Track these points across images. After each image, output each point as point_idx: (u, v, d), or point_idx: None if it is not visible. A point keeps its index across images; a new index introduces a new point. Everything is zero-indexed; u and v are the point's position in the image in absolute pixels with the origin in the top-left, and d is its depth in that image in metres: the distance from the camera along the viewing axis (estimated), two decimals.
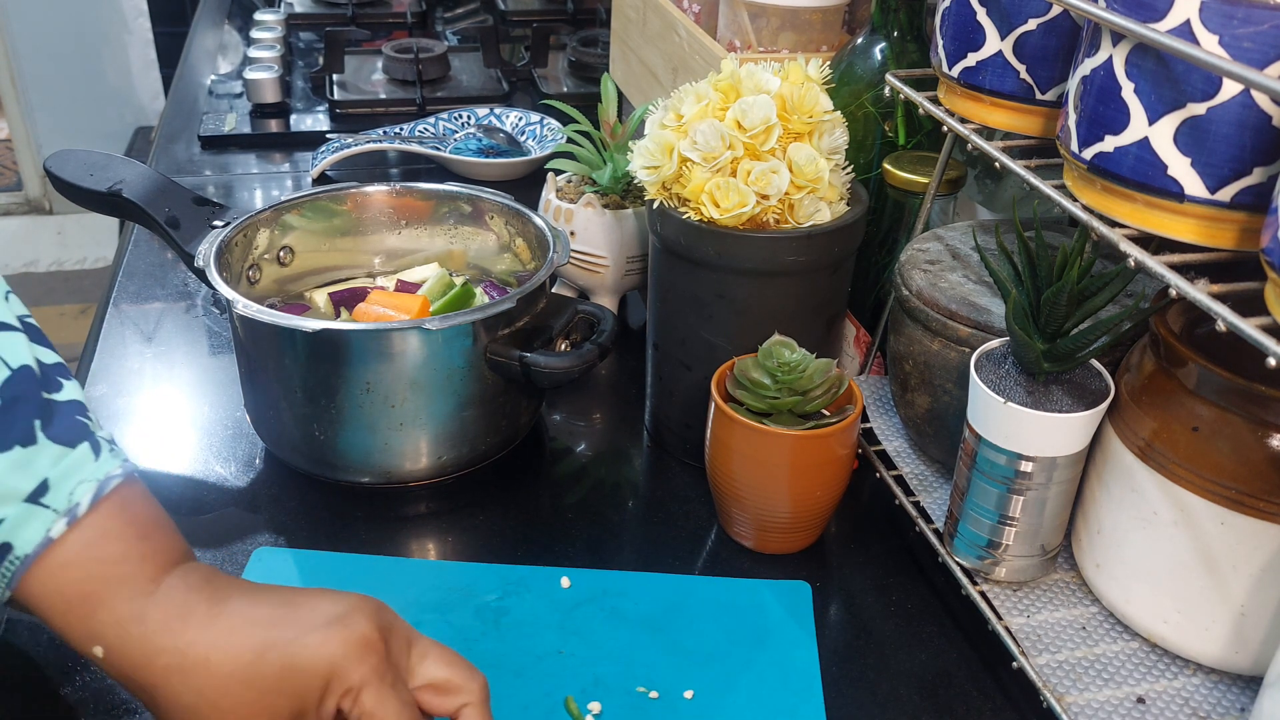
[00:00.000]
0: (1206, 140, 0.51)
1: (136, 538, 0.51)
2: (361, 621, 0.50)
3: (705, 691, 0.64)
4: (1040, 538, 0.65)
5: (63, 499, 0.49)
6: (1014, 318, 0.61)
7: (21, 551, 0.48)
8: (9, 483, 0.48)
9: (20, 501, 0.48)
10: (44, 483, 0.48)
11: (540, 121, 1.32)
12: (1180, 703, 0.60)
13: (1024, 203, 0.83)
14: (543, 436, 0.87)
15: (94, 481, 0.50)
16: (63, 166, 0.86)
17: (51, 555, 0.49)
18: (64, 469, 0.49)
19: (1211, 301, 0.49)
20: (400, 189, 0.92)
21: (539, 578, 0.71)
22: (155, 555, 0.51)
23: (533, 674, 0.64)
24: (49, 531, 0.48)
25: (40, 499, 0.48)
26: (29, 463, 0.48)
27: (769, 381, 0.70)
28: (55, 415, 0.50)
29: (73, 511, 0.49)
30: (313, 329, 0.72)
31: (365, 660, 0.50)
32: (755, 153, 0.71)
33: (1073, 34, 0.63)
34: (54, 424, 0.50)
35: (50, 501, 0.48)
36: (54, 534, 0.48)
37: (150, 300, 1.02)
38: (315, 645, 0.49)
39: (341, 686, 0.49)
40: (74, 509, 0.49)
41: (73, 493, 0.49)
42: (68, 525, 0.49)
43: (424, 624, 0.67)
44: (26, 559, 0.48)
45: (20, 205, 3.03)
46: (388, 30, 1.73)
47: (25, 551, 0.48)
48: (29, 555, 0.48)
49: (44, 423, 0.49)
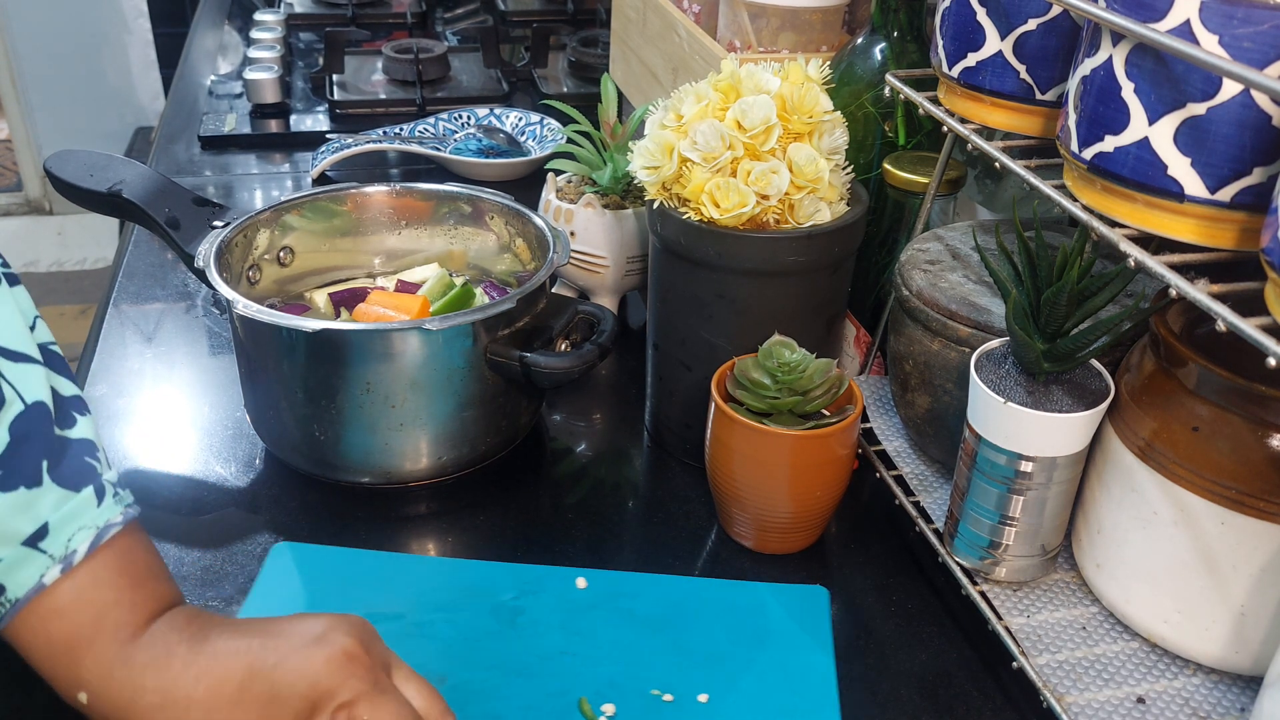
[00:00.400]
0: (1206, 140, 0.51)
1: (128, 587, 0.51)
2: (341, 638, 0.50)
3: (720, 695, 0.63)
4: (1040, 538, 0.65)
5: (60, 545, 0.48)
6: (1014, 318, 0.61)
7: (13, 595, 0.48)
8: (10, 524, 0.47)
9: (18, 544, 0.47)
10: (44, 526, 0.48)
11: (540, 122, 1.32)
12: (1180, 703, 0.60)
13: (1024, 203, 0.83)
14: (543, 436, 0.87)
15: (93, 529, 0.50)
16: (63, 167, 0.86)
17: (42, 601, 0.48)
18: (65, 514, 0.49)
19: (1211, 301, 0.49)
20: (400, 189, 0.92)
21: (554, 578, 0.71)
22: (145, 603, 0.51)
23: (546, 675, 0.64)
24: (43, 577, 0.48)
25: (39, 543, 0.48)
26: (31, 504, 0.48)
27: (769, 381, 0.70)
28: (64, 455, 0.49)
29: (68, 559, 0.49)
30: (313, 329, 0.72)
31: (352, 673, 0.49)
32: (755, 153, 0.71)
33: (1073, 34, 0.63)
34: (62, 465, 0.49)
35: (48, 547, 0.48)
36: (47, 580, 0.48)
37: (150, 300, 1.02)
38: (298, 666, 0.49)
39: (332, 704, 0.49)
40: (70, 556, 0.49)
41: (71, 539, 0.49)
42: (62, 572, 0.48)
43: (437, 622, 0.67)
44: (17, 603, 0.48)
45: (20, 205, 3.03)
46: (388, 30, 1.73)
47: (17, 595, 0.48)
48: (19, 600, 0.48)
49: (51, 463, 0.49)
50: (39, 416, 0.49)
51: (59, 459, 0.49)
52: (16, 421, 0.48)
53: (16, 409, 0.48)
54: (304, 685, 0.49)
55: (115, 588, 0.50)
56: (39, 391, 0.49)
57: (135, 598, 0.51)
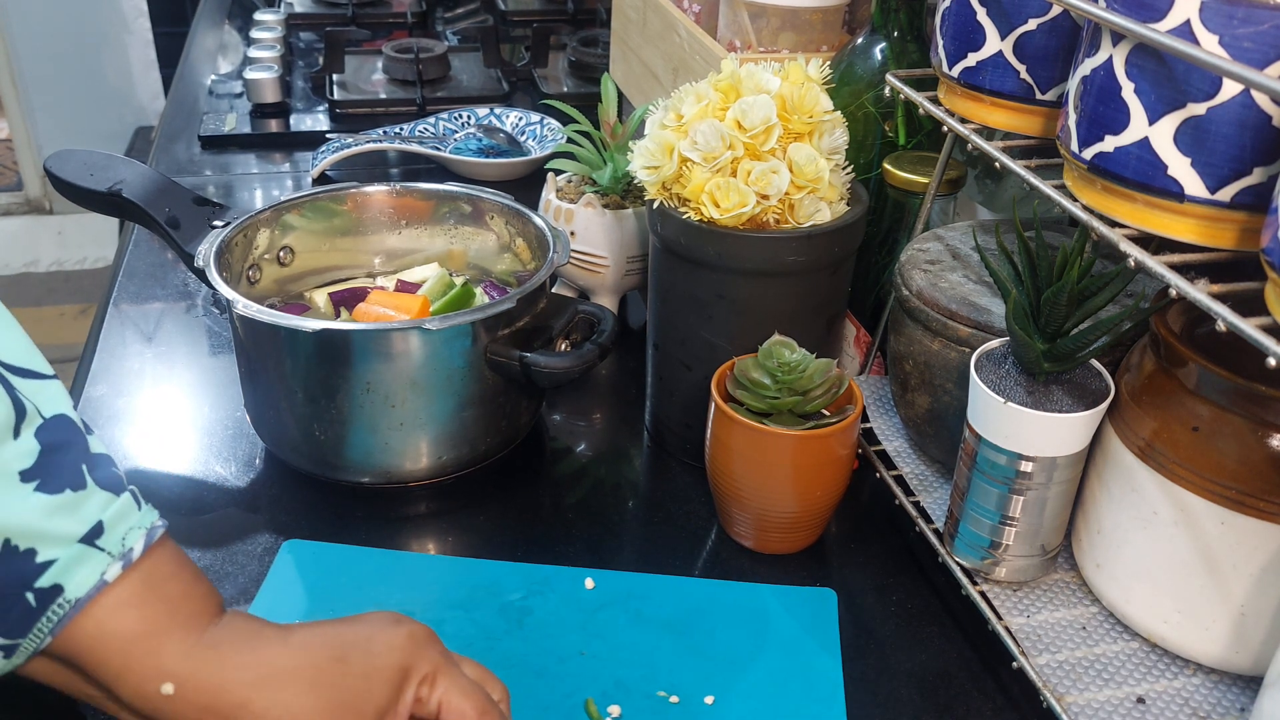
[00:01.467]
0: (1206, 140, 0.51)
1: (192, 579, 0.51)
2: (412, 623, 0.54)
3: (726, 697, 0.63)
4: (1040, 538, 0.65)
5: (116, 542, 0.48)
6: (1014, 318, 0.61)
7: (73, 594, 0.46)
8: (61, 526, 0.46)
9: (74, 543, 0.46)
10: (99, 524, 0.47)
11: (540, 121, 1.32)
12: (1180, 703, 0.60)
13: (1024, 203, 0.83)
14: (543, 436, 0.87)
15: (143, 529, 0.49)
16: (63, 166, 0.86)
17: (108, 597, 0.47)
18: (115, 513, 0.48)
19: (1211, 301, 0.49)
20: (400, 189, 0.92)
21: (563, 578, 0.71)
22: (211, 596, 0.51)
23: (554, 675, 0.64)
24: (104, 574, 0.47)
25: (95, 540, 0.47)
26: (79, 505, 0.47)
27: (769, 381, 0.70)
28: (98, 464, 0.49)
29: (127, 556, 0.48)
30: (313, 329, 0.72)
31: (431, 649, 0.53)
32: (755, 153, 0.71)
33: (1073, 34, 0.63)
34: (98, 471, 0.49)
35: (105, 544, 0.47)
36: (109, 577, 0.47)
37: (150, 300, 1.02)
38: (386, 643, 0.52)
39: (417, 676, 0.52)
40: (129, 553, 0.48)
41: (125, 537, 0.48)
42: (123, 569, 0.48)
43: (448, 620, 0.68)
44: (78, 602, 0.46)
45: (20, 205, 3.03)
46: (388, 30, 1.73)
47: (77, 595, 0.46)
48: (80, 599, 0.46)
49: (90, 467, 0.48)
50: (65, 427, 0.48)
51: (95, 466, 0.49)
52: (41, 431, 0.47)
53: (37, 421, 0.47)
54: (395, 657, 0.51)
55: (181, 580, 0.50)
56: (59, 405, 0.49)
57: (202, 590, 0.51)
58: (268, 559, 0.72)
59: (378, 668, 0.51)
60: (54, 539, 0.46)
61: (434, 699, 0.52)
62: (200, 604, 0.50)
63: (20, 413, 0.47)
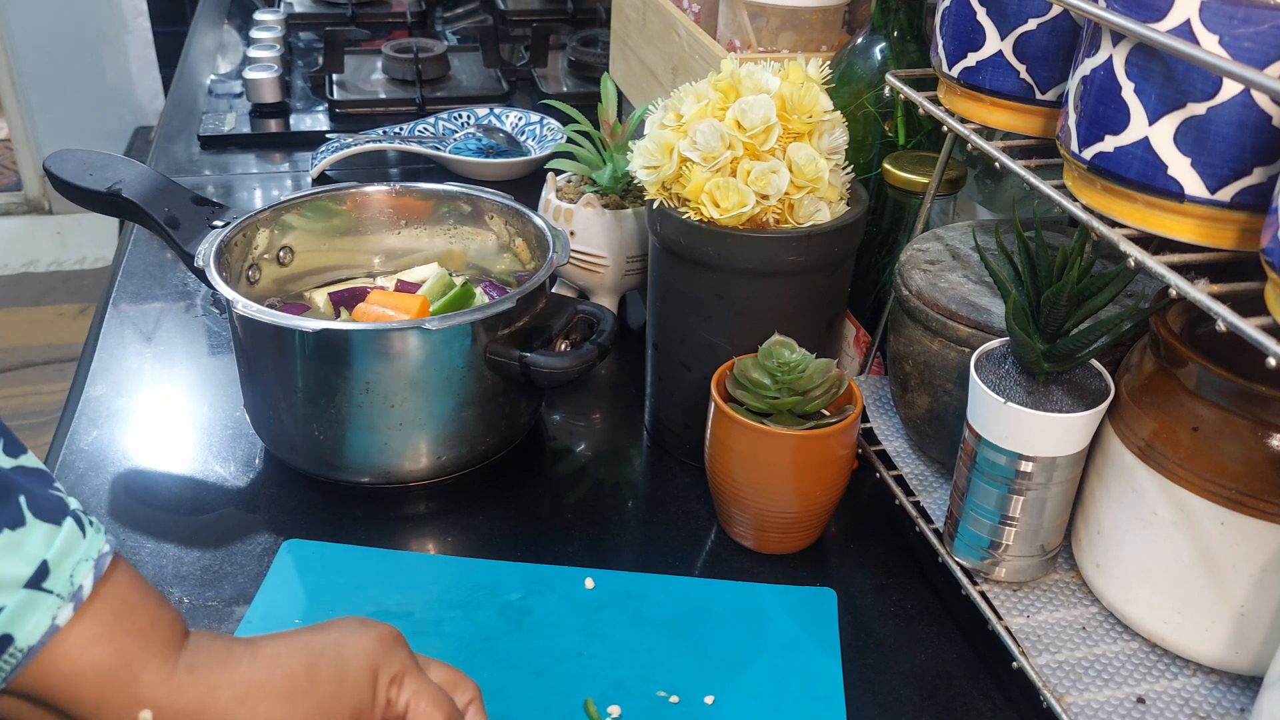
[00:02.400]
0: (1206, 140, 0.51)
1: (158, 606, 0.50)
2: (378, 624, 0.54)
3: (726, 697, 0.63)
4: (1040, 538, 0.65)
5: (64, 583, 0.46)
6: (1014, 318, 0.61)
7: (25, 643, 0.45)
8: (4, 570, 0.44)
9: (20, 588, 0.44)
10: (43, 565, 0.45)
11: (540, 121, 1.32)
12: (1180, 703, 0.60)
13: (1024, 203, 0.83)
14: (543, 436, 0.87)
15: (90, 560, 0.47)
16: (62, 166, 0.86)
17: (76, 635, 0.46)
18: (59, 550, 0.46)
19: (1211, 301, 0.49)
20: (400, 189, 0.92)
21: (562, 578, 0.71)
22: (176, 619, 0.51)
23: (553, 675, 0.64)
24: (55, 619, 0.45)
25: (42, 584, 0.45)
26: (20, 545, 0.45)
27: (769, 381, 0.70)
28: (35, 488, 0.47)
29: (77, 596, 0.46)
30: (313, 329, 0.72)
31: (398, 651, 0.53)
32: (755, 153, 0.71)
33: (1073, 34, 0.63)
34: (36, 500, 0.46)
35: (53, 586, 0.45)
36: (60, 621, 0.45)
37: (150, 300, 1.02)
38: (356, 646, 0.52)
39: (386, 677, 0.52)
40: (78, 593, 0.46)
41: (73, 575, 0.46)
42: (75, 609, 0.46)
43: (448, 620, 0.68)
44: (31, 650, 0.45)
45: (20, 205, 3.03)
46: (387, 30, 1.73)
47: (29, 643, 0.45)
48: (33, 647, 0.45)
49: (28, 499, 0.46)
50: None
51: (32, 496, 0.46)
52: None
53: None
54: (365, 660, 0.52)
55: (147, 608, 0.49)
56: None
57: (168, 615, 0.50)
58: (267, 559, 0.72)
59: (349, 670, 0.51)
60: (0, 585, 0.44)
61: (401, 700, 0.52)
62: (169, 629, 0.49)
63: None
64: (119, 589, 0.48)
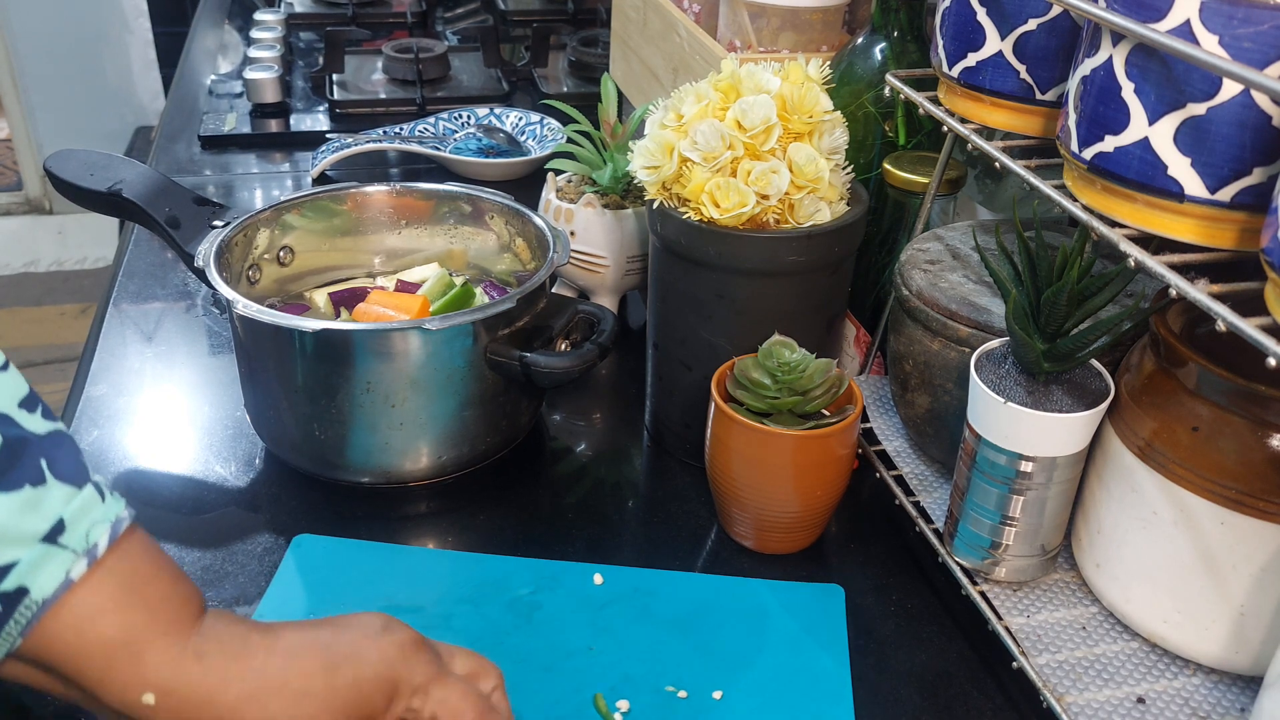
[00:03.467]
0: (1206, 140, 0.51)
1: (173, 580, 0.49)
2: (400, 629, 0.53)
3: (734, 692, 0.64)
4: (1040, 538, 0.65)
5: (80, 539, 0.46)
6: (1014, 318, 0.61)
7: (39, 596, 0.45)
8: (22, 525, 0.45)
9: (36, 542, 0.45)
10: (60, 522, 0.46)
11: (540, 121, 1.32)
12: (1180, 703, 0.60)
13: (1024, 203, 0.83)
14: (543, 436, 0.87)
15: (107, 523, 0.47)
16: (63, 166, 0.86)
17: (84, 602, 0.46)
18: (76, 508, 0.47)
19: (1211, 301, 0.49)
20: (400, 189, 0.92)
21: (571, 574, 0.71)
22: (192, 598, 0.50)
23: (562, 670, 0.64)
24: (69, 573, 0.46)
25: (58, 539, 0.46)
26: (39, 502, 0.45)
27: (769, 381, 0.70)
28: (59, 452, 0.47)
29: (92, 552, 0.46)
30: (313, 329, 0.72)
31: (421, 659, 0.52)
32: (755, 153, 0.71)
33: (1073, 34, 0.63)
34: (59, 463, 0.47)
35: (68, 541, 0.46)
36: (74, 575, 0.46)
37: (150, 300, 1.02)
38: (377, 653, 0.51)
39: (409, 689, 0.51)
40: (93, 549, 0.46)
41: (89, 533, 0.47)
42: (89, 565, 0.46)
43: (457, 615, 0.68)
44: (45, 603, 0.45)
45: (20, 205, 3.03)
46: (388, 30, 1.73)
47: (44, 596, 0.45)
48: (47, 599, 0.45)
49: (50, 461, 0.47)
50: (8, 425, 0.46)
51: (55, 460, 0.47)
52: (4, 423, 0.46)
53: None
54: (386, 669, 0.51)
55: (160, 582, 0.49)
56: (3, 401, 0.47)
57: (183, 591, 0.49)
58: (268, 559, 0.72)
59: (367, 679, 0.50)
60: (15, 539, 0.45)
61: (428, 709, 0.52)
62: (181, 608, 0.49)
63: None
64: (131, 560, 0.48)
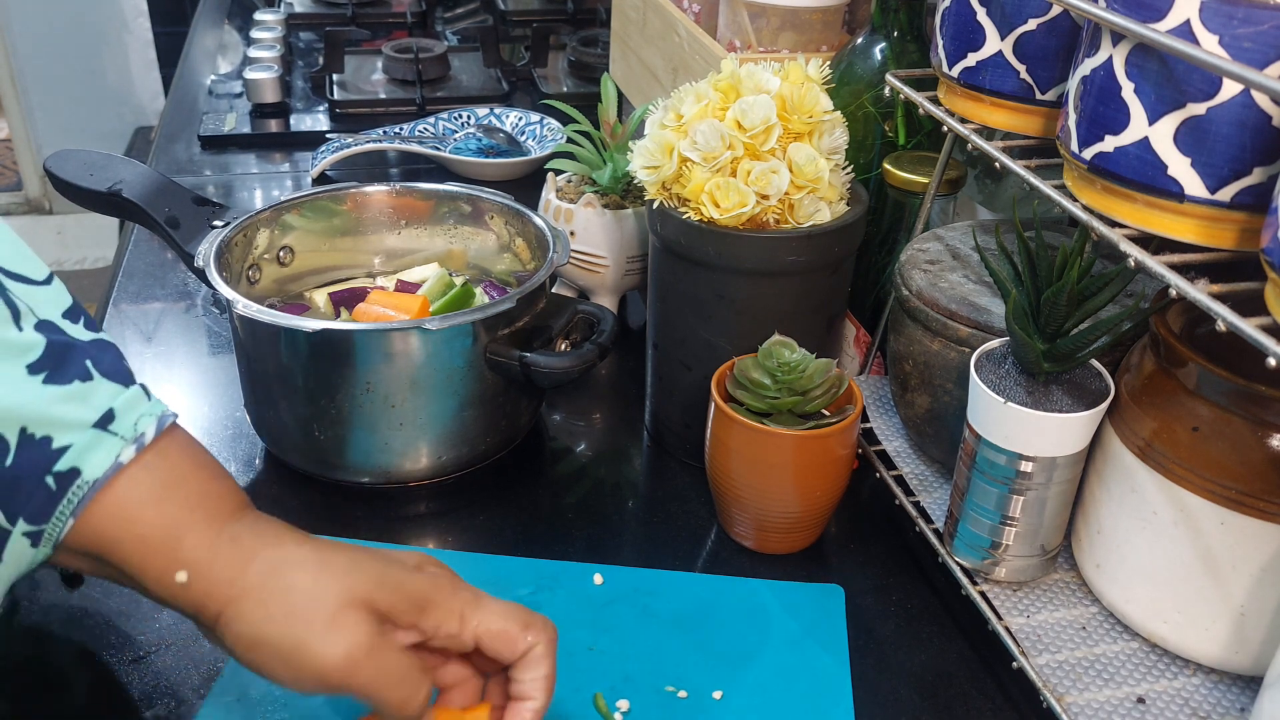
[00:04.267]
0: (1206, 140, 0.51)
1: (210, 477, 0.52)
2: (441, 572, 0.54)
3: (734, 692, 0.64)
4: (1040, 538, 0.65)
5: (128, 427, 0.49)
6: (1014, 318, 0.61)
7: (90, 476, 0.48)
8: (73, 413, 0.48)
9: (88, 428, 0.48)
10: (110, 411, 0.49)
11: (540, 121, 1.32)
12: (1180, 703, 0.60)
13: (1024, 203, 0.83)
14: (543, 436, 0.87)
15: (154, 416, 0.51)
16: (63, 166, 0.86)
17: (131, 489, 0.49)
18: (124, 402, 0.50)
19: (1211, 301, 0.49)
20: (400, 189, 0.92)
21: (571, 574, 0.71)
22: (232, 494, 0.53)
23: (562, 670, 0.64)
24: (118, 456, 0.49)
25: (108, 425, 0.49)
26: (89, 395, 0.49)
27: (769, 381, 0.70)
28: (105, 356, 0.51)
29: (140, 440, 0.50)
30: (313, 329, 0.72)
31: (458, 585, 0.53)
32: (755, 153, 0.71)
33: (1073, 34, 0.63)
34: (105, 364, 0.50)
35: (117, 429, 0.49)
36: (123, 459, 0.49)
37: (150, 300, 1.02)
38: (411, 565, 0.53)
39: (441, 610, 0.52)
40: (140, 438, 0.50)
41: (137, 423, 0.50)
42: (136, 451, 0.49)
43: None
44: (96, 483, 0.48)
45: (20, 205, 3.03)
46: (388, 30, 1.73)
47: (95, 476, 0.48)
48: (98, 480, 0.48)
49: (94, 362, 0.50)
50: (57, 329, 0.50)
51: (99, 361, 0.50)
52: (40, 328, 0.49)
53: (32, 320, 0.49)
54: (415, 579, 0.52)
55: (198, 479, 0.51)
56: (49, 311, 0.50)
57: (220, 488, 0.52)
58: None
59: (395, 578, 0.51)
60: (68, 425, 0.48)
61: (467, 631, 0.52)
62: (221, 500, 0.52)
63: (15, 311, 0.48)
64: (176, 450, 0.51)
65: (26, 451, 0.47)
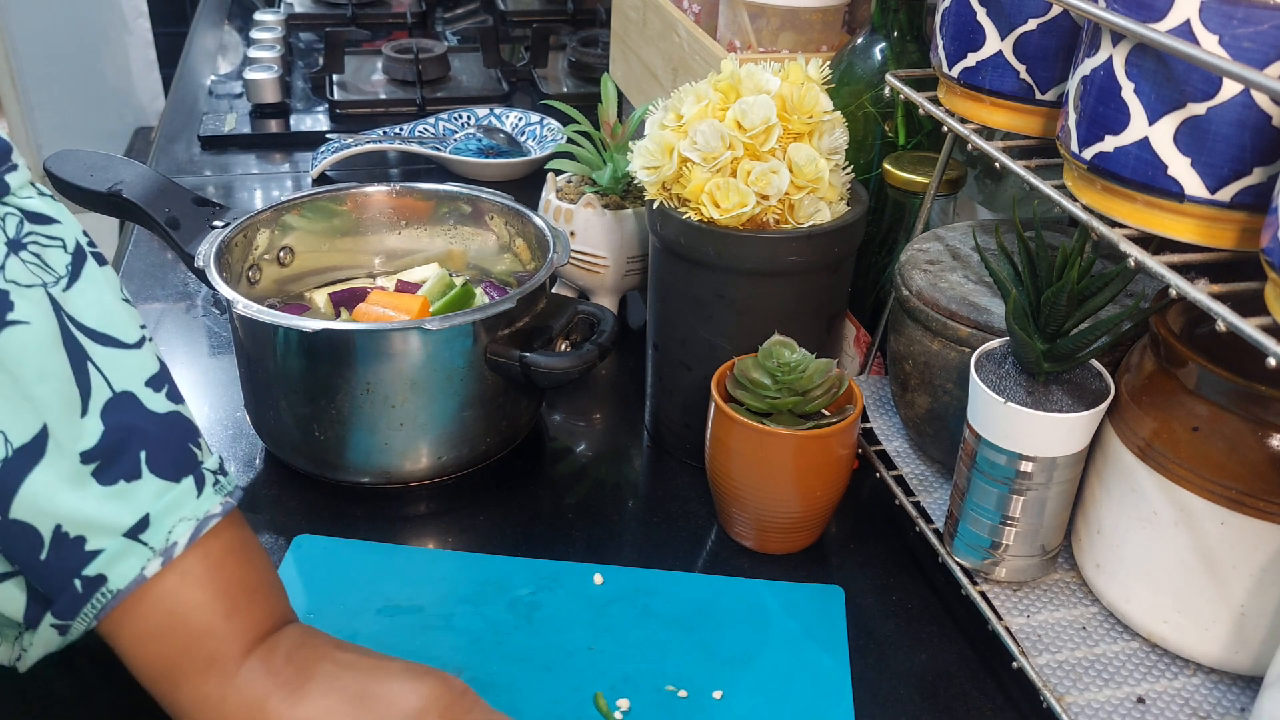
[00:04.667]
0: (1206, 140, 0.51)
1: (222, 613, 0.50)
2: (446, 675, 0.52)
3: (734, 692, 0.64)
4: (1040, 538, 0.65)
5: (160, 537, 0.48)
6: (1014, 318, 0.61)
7: (115, 586, 0.47)
8: (111, 515, 0.47)
9: (120, 535, 0.47)
10: (145, 518, 0.48)
11: (540, 121, 1.32)
12: (1180, 703, 0.60)
13: (1024, 203, 0.83)
14: (543, 436, 0.87)
15: (193, 520, 0.49)
16: (63, 166, 0.86)
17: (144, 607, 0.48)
18: (166, 504, 0.48)
19: (1211, 301, 0.49)
20: (400, 189, 0.92)
21: (571, 574, 0.71)
22: (243, 631, 0.50)
23: (563, 669, 0.65)
24: (144, 569, 0.48)
25: (140, 535, 0.48)
26: (132, 495, 0.47)
27: (769, 381, 0.70)
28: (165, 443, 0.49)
29: (169, 551, 0.48)
30: (313, 329, 0.72)
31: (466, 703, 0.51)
32: (755, 153, 0.71)
33: (1073, 34, 0.63)
34: (161, 454, 0.49)
35: (149, 539, 0.48)
36: (148, 572, 0.48)
37: (150, 300, 1.02)
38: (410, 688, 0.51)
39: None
40: (170, 549, 0.48)
41: (171, 531, 0.48)
42: (163, 565, 0.48)
43: (458, 615, 0.68)
44: (119, 594, 0.47)
45: None
46: (388, 30, 1.73)
47: (119, 586, 0.47)
48: (121, 591, 0.47)
49: (150, 454, 0.48)
50: (131, 406, 0.48)
51: (157, 448, 0.49)
52: (108, 410, 0.47)
53: (105, 396, 0.47)
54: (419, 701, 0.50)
55: (211, 611, 0.50)
56: (130, 381, 0.48)
57: (230, 626, 0.50)
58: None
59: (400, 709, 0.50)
60: (102, 529, 0.47)
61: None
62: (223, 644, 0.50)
63: (86, 392, 0.47)
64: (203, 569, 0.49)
65: (59, 550, 0.46)
